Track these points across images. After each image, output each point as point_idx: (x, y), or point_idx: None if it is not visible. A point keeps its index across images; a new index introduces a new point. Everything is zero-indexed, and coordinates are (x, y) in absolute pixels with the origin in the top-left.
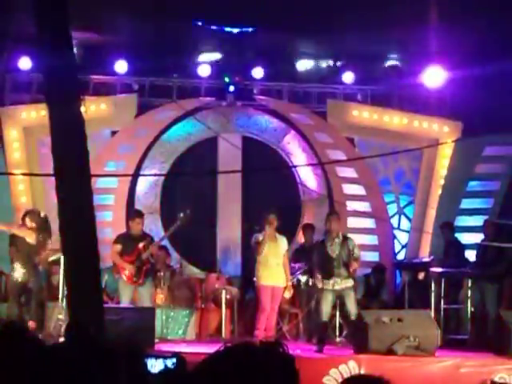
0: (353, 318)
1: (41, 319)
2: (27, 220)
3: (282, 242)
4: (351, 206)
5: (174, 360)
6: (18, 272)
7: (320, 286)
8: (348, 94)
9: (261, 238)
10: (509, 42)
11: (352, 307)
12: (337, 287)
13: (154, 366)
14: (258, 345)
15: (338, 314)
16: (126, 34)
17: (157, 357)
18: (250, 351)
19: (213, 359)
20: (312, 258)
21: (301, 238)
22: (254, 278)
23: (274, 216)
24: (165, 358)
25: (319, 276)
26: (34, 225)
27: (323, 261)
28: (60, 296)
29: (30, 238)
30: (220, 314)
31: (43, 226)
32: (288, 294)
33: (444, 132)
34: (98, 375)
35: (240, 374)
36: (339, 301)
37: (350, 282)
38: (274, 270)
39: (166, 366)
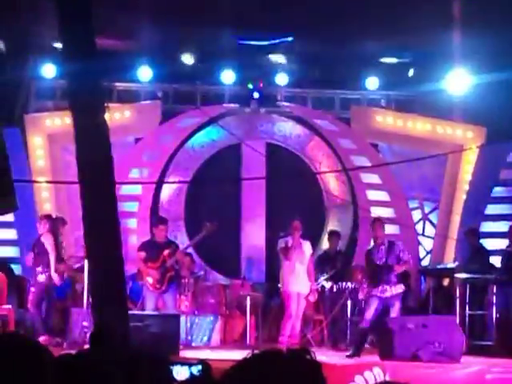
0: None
1: (65, 326)
2: (40, 226)
3: (307, 247)
4: (375, 212)
5: (200, 367)
6: (40, 276)
7: (368, 293)
8: (372, 99)
9: (290, 244)
10: None
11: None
12: (386, 294)
13: (180, 373)
14: (285, 352)
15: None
16: (149, 41)
17: (182, 364)
18: (278, 358)
19: (240, 366)
20: (336, 265)
21: (325, 244)
22: (279, 285)
23: (298, 222)
24: (190, 365)
25: (365, 285)
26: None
27: (371, 268)
28: (85, 303)
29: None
30: (244, 321)
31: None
32: (312, 298)
33: (468, 137)
34: (121, 382)
35: (267, 382)
36: (383, 308)
37: (399, 288)
38: (301, 276)
39: (191, 373)
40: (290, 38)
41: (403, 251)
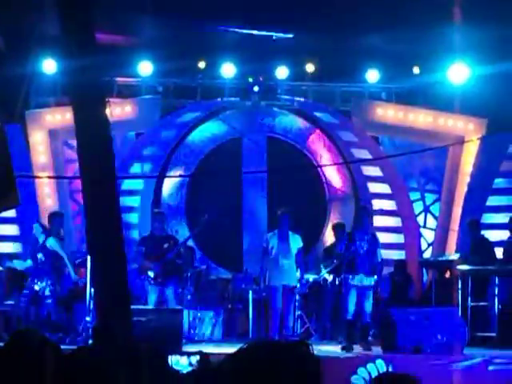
0: (366, 319)
1: (68, 321)
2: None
3: (295, 240)
4: (377, 204)
5: (198, 357)
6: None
7: (347, 281)
8: (373, 92)
9: (265, 245)
10: None
11: (368, 307)
12: (360, 284)
13: (179, 362)
14: (281, 343)
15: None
16: (149, 35)
17: (181, 354)
18: (274, 349)
19: (236, 356)
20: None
21: (327, 237)
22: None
23: (284, 216)
24: (189, 355)
25: (347, 271)
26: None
27: (352, 256)
28: (87, 298)
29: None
30: (247, 315)
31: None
32: (297, 292)
33: (469, 129)
34: (121, 377)
35: (262, 372)
36: (358, 298)
37: (372, 281)
38: (285, 269)
39: (190, 362)
40: (290, 35)
41: (379, 248)
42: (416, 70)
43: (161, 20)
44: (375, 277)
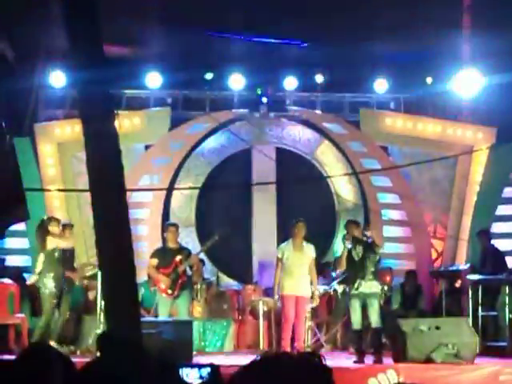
0: (373, 325)
1: (78, 334)
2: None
3: (309, 250)
4: (386, 214)
5: (209, 369)
6: (49, 283)
7: (348, 291)
8: (381, 102)
9: (279, 255)
10: None
11: (374, 314)
12: (361, 290)
13: (190, 375)
14: (294, 355)
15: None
16: (158, 47)
17: (192, 366)
18: (286, 361)
19: (249, 369)
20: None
21: (337, 248)
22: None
23: (299, 225)
24: (199, 367)
25: (347, 282)
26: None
27: (350, 265)
28: (98, 310)
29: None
30: (257, 326)
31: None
32: (311, 304)
33: (478, 138)
34: None
35: None
36: (362, 306)
37: (375, 287)
38: (299, 279)
39: (201, 375)
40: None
41: (378, 247)
42: (426, 79)
43: (169, 31)
44: (382, 284)
